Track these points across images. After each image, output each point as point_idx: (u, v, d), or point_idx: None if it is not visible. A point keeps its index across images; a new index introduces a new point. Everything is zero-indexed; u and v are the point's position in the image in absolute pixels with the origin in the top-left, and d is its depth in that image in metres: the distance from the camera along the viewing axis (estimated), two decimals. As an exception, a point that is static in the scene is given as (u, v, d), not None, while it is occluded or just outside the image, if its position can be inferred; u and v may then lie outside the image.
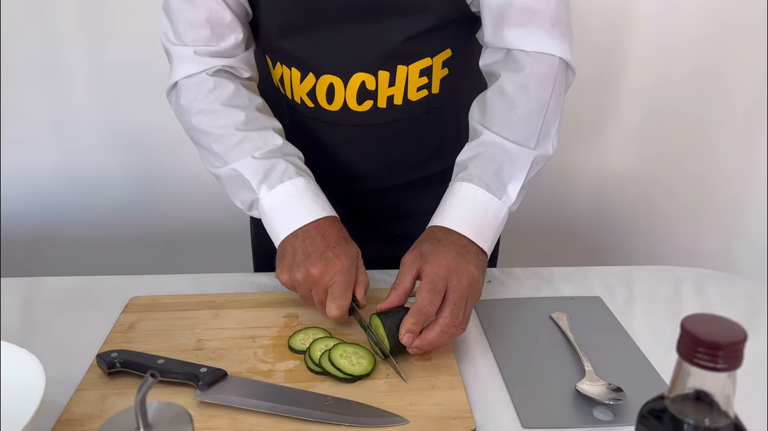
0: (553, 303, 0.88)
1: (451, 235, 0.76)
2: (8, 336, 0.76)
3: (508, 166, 0.80)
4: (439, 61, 0.88)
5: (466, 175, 0.80)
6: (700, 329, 0.41)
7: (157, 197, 1.68)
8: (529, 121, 0.82)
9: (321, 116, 0.92)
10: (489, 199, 0.79)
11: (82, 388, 0.70)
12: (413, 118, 0.93)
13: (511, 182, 0.80)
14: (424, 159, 0.99)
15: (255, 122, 0.87)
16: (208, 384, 0.68)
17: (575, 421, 0.67)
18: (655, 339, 0.81)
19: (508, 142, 0.81)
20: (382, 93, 0.88)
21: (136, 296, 0.87)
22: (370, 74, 0.87)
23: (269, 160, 0.84)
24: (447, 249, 0.74)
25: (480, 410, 0.68)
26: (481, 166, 0.80)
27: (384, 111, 0.90)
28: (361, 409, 0.66)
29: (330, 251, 0.78)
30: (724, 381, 0.41)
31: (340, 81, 0.87)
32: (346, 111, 0.90)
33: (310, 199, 0.83)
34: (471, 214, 0.78)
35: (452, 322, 0.71)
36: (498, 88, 0.84)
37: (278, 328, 0.81)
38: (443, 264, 0.73)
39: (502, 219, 0.80)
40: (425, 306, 0.71)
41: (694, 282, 0.94)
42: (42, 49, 1.56)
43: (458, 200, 0.79)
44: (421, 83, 0.89)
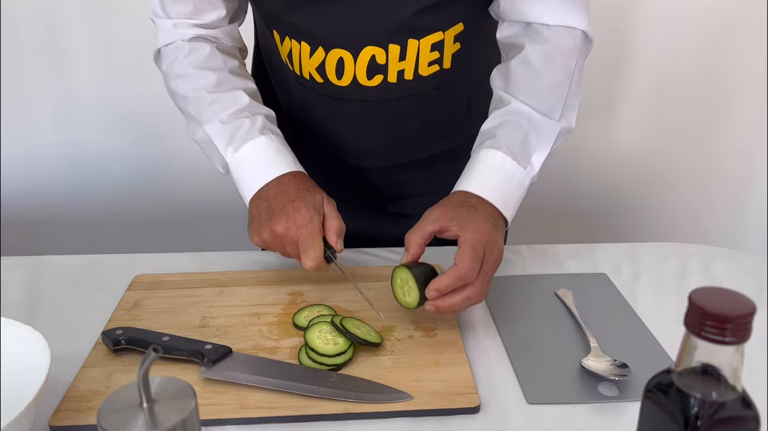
0: (559, 280, 0.87)
1: (484, 205, 0.76)
2: (14, 314, 0.76)
3: (534, 137, 0.80)
4: (451, 35, 0.87)
5: (495, 143, 0.79)
6: (708, 302, 0.40)
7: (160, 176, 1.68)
8: (555, 92, 0.81)
9: (330, 92, 0.90)
10: (515, 168, 0.78)
11: (88, 365, 0.70)
12: (424, 94, 0.91)
13: (535, 152, 0.80)
14: (433, 136, 0.98)
15: (226, 83, 0.88)
16: (213, 361, 0.68)
17: (580, 397, 0.66)
18: (661, 315, 0.81)
19: (534, 111, 0.80)
20: (392, 67, 0.87)
21: (141, 274, 0.87)
22: (381, 48, 0.85)
23: (235, 122, 0.85)
24: (484, 218, 0.74)
25: (485, 386, 0.68)
26: (509, 135, 0.80)
27: (394, 86, 0.88)
28: (366, 385, 0.66)
29: (290, 205, 0.78)
30: (731, 355, 0.41)
31: (349, 55, 0.86)
32: (356, 86, 0.88)
33: (272, 157, 0.83)
34: (499, 182, 0.78)
35: (479, 292, 0.71)
36: (522, 59, 0.83)
37: (283, 305, 0.81)
38: (484, 234, 0.72)
39: (525, 190, 0.80)
40: (468, 272, 0.70)
41: (699, 259, 0.93)
42: (43, 28, 1.55)
43: (487, 167, 0.79)
44: (433, 58, 0.87)
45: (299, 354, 0.71)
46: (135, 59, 1.57)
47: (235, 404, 0.64)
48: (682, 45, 1.62)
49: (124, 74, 1.60)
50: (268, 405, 0.64)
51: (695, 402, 0.42)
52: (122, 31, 1.56)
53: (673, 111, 1.70)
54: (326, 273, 0.87)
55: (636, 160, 1.76)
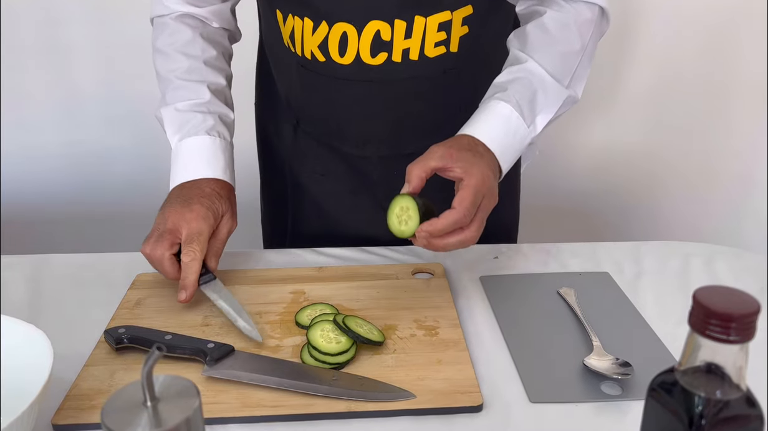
0: (561, 279, 0.87)
1: (489, 155, 0.77)
2: (16, 312, 0.75)
3: (542, 97, 0.81)
4: (459, 16, 0.85)
5: (505, 96, 0.80)
6: (712, 301, 0.40)
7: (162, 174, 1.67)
8: (567, 59, 0.83)
9: (333, 71, 0.89)
10: (520, 123, 0.80)
11: (90, 364, 0.70)
12: (429, 78, 0.89)
13: (541, 113, 0.81)
14: (437, 125, 0.95)
15: (196, 73, 0.91)
16: (215, 359, 0.68)
17: (583, 396, 0.66)
18: (664, 314, 0.80)
19: (547, 73, 0.82)
20: (397, 45, 0.85)
21: (143, 273, 0.87)
22: (386, 22, 0.83)
23: (188, 114, 0.88)
24: (488, 167, 0.75)
25: (487, 385, 0.68)
26: (520, 91, 0.81)
27: (398, 66, 0.87)
28: (368, 384, 0.66)
29: (196, 199, 0.82)
30: (736, 354, 0.40)
31: (353, 29, 0.84)
32: (358, 64, 0.86)
33: (206, 159, 0.86)
34: (503, 133, 0.79)
35: (473, 237, 0.72)
36: (539, 24, 0.84)
37: (285, 304, 0.81)
38: (485, 182, 0.73)
39: (523, 147, 0.81)
40: (464, 218, 0.70)
41: (702, 257, 0.93)
42: (44, 26, 1.55)
43: (494, 117, 0.79)
44: (439, 38, 0.86)
45: (302, 353, 0.71)
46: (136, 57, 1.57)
47: (237, 403, 0.64)
48: (683, 44, 1.62)
49: (125, 72, 1.60)
50: (271, 403, 0.64)
51: (699, 401, 0.41)
52: (123, 29, 1.56)
53: (676, 109, 1.70)
54: (328, 272, 0.88)
55: (638, 158, 1.76)
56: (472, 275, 0.88)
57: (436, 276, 0.87)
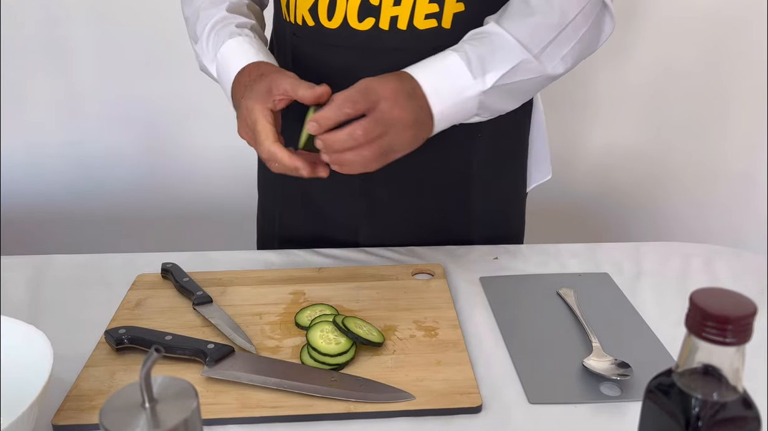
0: (561, 280, 0.87)
1: (418, 93, 0.73)
2: (17, 313, 0.76)
3: (499, 56, 0.77)
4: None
5: (454, 47, 0.78)
6: (709, 303, 0.40)
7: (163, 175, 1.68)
8: (540, 30, 0.78)
9: (321, 36, 0.88)
10: (465, 73, 0.75)
11: (90, 364, 0.70)
12: (418, 50, 0.84)
13: (492, 69, 0.76)
14: None
15: (217, 5, 0.91)
16: (215, 360, 0.68)
17: (582, 397, 0.66)
18: (663, 315, 0.80)
19: (509, 35, 0.77)
20: (385, 11, 0.83)
21: (143, 273, 0.88)
22: None
23: (210, 35, 0.88)
24: (400, 83, 0.72)
25: (486, 386, 0.68)
26: (472, 46, 0.77)
27: (386, 34, 0.85)
28: (367, 385, 0.66)
29: (238, 110, 0.79)
30: (732, 356, 0.41)
31: None
32: (345, 29, 0.86)
33: (233, 58, 0.84)
34: (440, 75, 0.75)
35: (362, 135, 0.68)
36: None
37: (285, 305, 0.81)
38: (385, 87, 0.70)
39: (467, 98, 0.76)
40: (344, 102, 0.68)
41: (702, 258, 0.93)
42: (45, 27, 1.55)
43: (436, 61, 0.76)
44: (431, 10, 0.84)
45: (301, 354, 0.71)
46: (138, 58, 1.58)
47: (237, 403, 0.64)
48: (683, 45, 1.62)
49: (126, 73, 1.60)
50: (271, 404, 0.64)
51: (696, 403, 0.42)
52: (125, 30, 1.56)
53: (676, 111, 1.70)
54: (328, 273, 0.88)
55: (638, 159, 1.76)
56: (472, 276, 0.88)
57: (435, 277, 0.87)
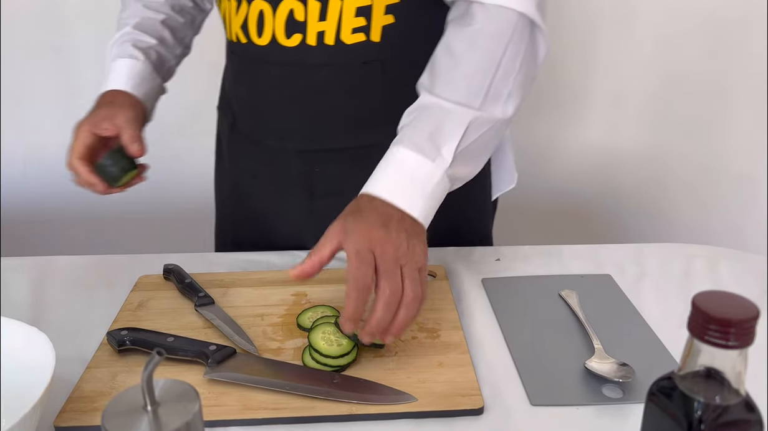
0: (563, 281, 0.87)
1: (375, 203, 0.71)
2: (19, 315, 0.76)
3: (447, 127, 0.74)
4: (382, 3, 0.81)
5: (399, 138, 0.75)
6: (711, 306, 0.40)
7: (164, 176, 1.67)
8: (474, 79, 0.75)
9: (252, 53, 0.88)
10: (420, 161, 0.72)
11: (93, 366, 0.70)
12: (348, 66, 0.85)
13: (446, 144, 0.74)
14: (361, 123, 0.90)
15: (134, 18, 1.02)
16: (217, 361, 0.68)
17: (584, 399, 0.66)
18: (666, 316, 0.80)
19: (446, 101, 0.75)
20: (311, 26, 0.82)
21: (146, 275, 0.88)
22: (299, 2, 0.81)
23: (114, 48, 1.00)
24: (368, 220, 0.69)
25: (488, 387, 0.68)
26: (416, 128, 0.75)
27: (314, 50, 0.83)
28: (369, 386, 0.66)
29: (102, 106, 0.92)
30: (735, 359, 0.41)
31: (269, 7, 0.83)
32: (274, 45, 0.85)
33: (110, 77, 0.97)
34: (397, 177, 0.73)
35: (393, 292, 0.65)
36: (446, 45, 0.78)
37: (287, 306, 0.81)
38: (365, 236, 0.67)
39: (436, 184, 0.73)
40: (359, 278, 0.65)
41: (704, 260, 0.93)
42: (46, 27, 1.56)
43: (386, 164, 0.74)
44: (358, 24, 0.82)
45: (303, 356, 0.71)
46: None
47: (239, 405, 0.64)
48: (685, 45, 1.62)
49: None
50: (272, 406, 0.64)
51: (699, 406, 0.42)
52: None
53: (678, 111, 1.70)
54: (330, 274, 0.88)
55: (640, 160, 1.76)
56: (474, 277, 0.88)
57: (437, 279, 0.87)
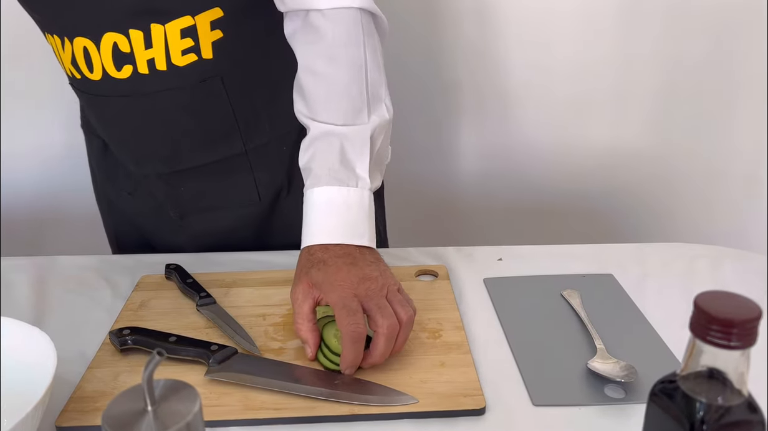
0: (565, 281, 0.87)
1: (331, 250, 0.71)
2: (21, 315, 0.76)
3: (349, 150, 0.74)
4: (206, 20, 0.79)
5: (314, 179, 0.74)
6: (713, 306, 0.40)
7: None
8: (351, 93, 0.75)
9: (89, 88, 0.84)
10: (345, 192, 0.72)
11: (94, 366, 0.70)
12: (187, 87, 0.83)
13: (357, 165, 0.74)
14: (216, 138, 0.89)
15: None
16: (218, 361, 0.68)
17: (586, 399, 0.66)
18: (668, 316, 0.80)
19: (337, 126, 0.74)
20: (139, 56, 0.79)
21: (147, 275, 0.88)
22: (121, 34, 0.78)
23: None
24: (337, 268, 0.69)
25: (490, 388, 0.68)
26: (324, 162, 0.74)
27: (148, 78, 0.81)
28: (370, 387, 0.66)
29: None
30: (737, 359, 0.40)
31: (91, 43, 0.79)
32: (107, 79, 0.81)
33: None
34: (335, 218, 0.72)
35: (390, 324, 0.66)
36: (307, 67, 0.77)
37: (288, 306, 0.81)
38: (343, 285, 0.67)
39: (368, 205, 0.74)
40: (353, 331, 0.64)
41: (707, 259, 0.93)
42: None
43: (317, 209, 0.73)
44: (186, 46, 0.79)
45: (318, 356, 0.70)
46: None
47: (240, 405, 0.64)
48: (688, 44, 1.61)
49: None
50: (274, 406, 0.64)
51: (701, 407, 0.41)
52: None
53: (681, 110, 1.69)
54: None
55: (643, 160, 1.75)
56: (476, 277, 0.88)
57: (439, 278, 0.87)
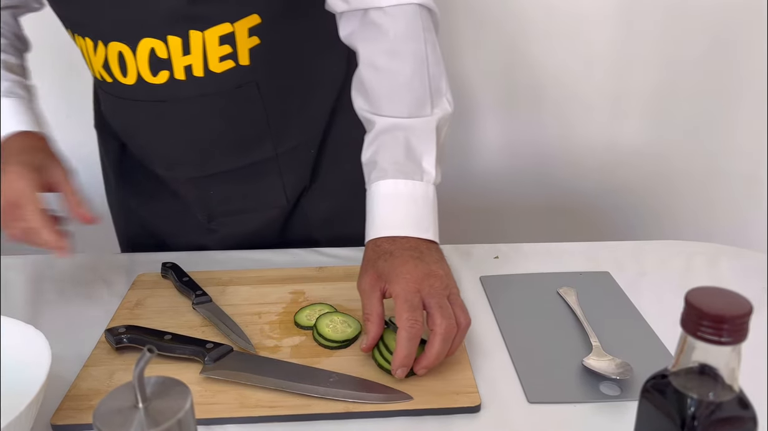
0: (561, 279, 0.87)
1: (398, 242, 0.71)
2: (17, 313, 0.76)
3: (415, 143, 0.75)
4: (244, 27, 0.79)
5: (380, 172, 0.74)
6: (704, 302, 0.40)
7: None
8: (414, 86, 0.75)
9: (121, 92, 0.84)
10: (411, 186, 0.73)
11: (90, 364, 0.70)
12: (223, 93, 0.83)
13: (423, 158, 0.74)
14: (247, 143, 0.90)
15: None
16: (214, 359, 0.68)
17: (582, 396, 0.66)
18: (664, 314, 0.80)
19: (403, 119, 0.75)
20: (177, 62, 0.79)
21: (144, 273, 0.88)
22: (159, 39, 0.78)
23: None
24: (403, 260, 0.69)
25: (485, 385, 0.68)
26: (389, 155, 0.74)
27: (185, 83, 0.81)
28: (365, 385, 0.66)
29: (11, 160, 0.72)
30: (728, 355, 0.40)
31: (128, 48, 0.79)
32: (142, 84, 0.81)
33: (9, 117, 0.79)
34: (403, 211, 0.73)
35: (449, 325, 0.65)
36: (369, 64, 0.77)
37: (284, 304, 0.81)
38: (408, 278, 0.67)
39: (432, 199, 0.74)
40: (411, 326, 0.64)
41: (704, 257, 0.93)
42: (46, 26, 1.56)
43: (383, 202, 0.73)
44: (224, 52, 0.80)
45: (373, 352, 0.69)
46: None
47: (235, 403, 0.64)
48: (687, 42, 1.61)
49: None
50: (269, 404, 0.64)
51: (692, 403, 0.41)
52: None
53: (679, 108, 1.69)
54: (328, 272, 0.88)
55: (640, 157, 1.75)
56: (473, 275, 0.88)
57: (435, 276, 0.86)
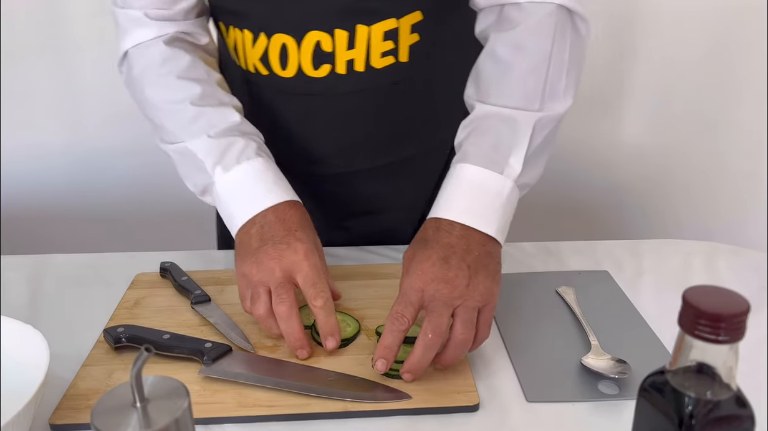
0: (560, 278, 0.87)
1: (440, 233, 0.68)
2: (16, 313, 0.76)
3: (508, 135, 0.71)
4: (407, 24, 0.79)
5: (461, 155, 0.72)
6: (701, 301, 0.40)
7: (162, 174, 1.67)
8: (527, 81, 0.73)
9: (276, 85, 0.83)
10: (488, 175, 0.69)
11: (89, 364, 0.70)
12: (378, 89, 0.83)
13: (513, 152, 0.71)
14: (394, 140, 0.90)
15: (212, 97, 0.79)
16: (212, 359, 0.68)
17: (580, 395, 0.66)
18: (663, 313, 0.80)
19: (505, 108, 0.72)
20: (340, 56, 0.79)
21: (142, 272, 0.88)
22: (326, 33, 0.77)
23: (226, 139, 0.76)
24: (427, 255, 0.66)
25: (484, 384, 0.68)
26: (476, 142, 0.72)
27: (344, 78, 0.81)
28: (364, 384, 0.66)
29: (291, 235, 0.71)
30: (726, 354, 0.40)
31: (293, 40, 0.78)
32: (301, 77, 0.81)
33: (271, 181, 0.75)
34: (467, 197, 0.69)
35: (434, 336, 0.63)
36: (489, 52, 0.75)
37: (283, 304, 0.81)
38: (419, 275, 0.65)
39: (508, 196, 0.70)
40: (394, 320, 0.64)
41: (703, 256, 0.93)
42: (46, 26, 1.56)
43: (454, 184, 0.71)
44: (386, 48, 0.79)
45: None
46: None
47: (234, 402, 0.64)
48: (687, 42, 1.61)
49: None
50: (268, 403, 0.64)
51: (690, 401, 0.41)
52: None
53: (678, 107, 1.69)
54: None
55: (639, 156, 1.75)
56: (471, 274, 0.88)
57: (434, 276, 0.86)
